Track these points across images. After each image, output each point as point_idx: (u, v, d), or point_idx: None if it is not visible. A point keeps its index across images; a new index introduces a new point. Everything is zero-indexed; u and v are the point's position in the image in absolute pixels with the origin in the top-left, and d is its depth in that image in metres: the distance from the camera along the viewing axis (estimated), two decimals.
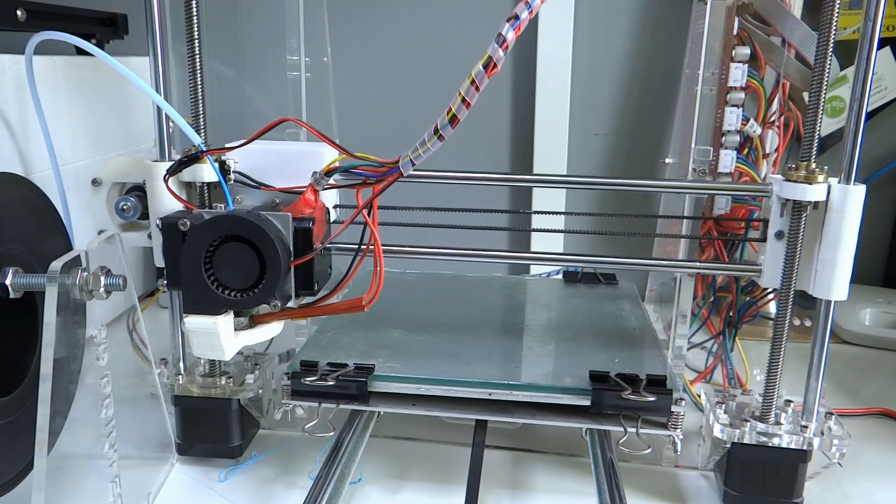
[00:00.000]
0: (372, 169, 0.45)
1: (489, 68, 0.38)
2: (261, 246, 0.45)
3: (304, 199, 0.48)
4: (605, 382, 0.50)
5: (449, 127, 0.41)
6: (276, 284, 0.45)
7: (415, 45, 0.91)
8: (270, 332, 0.51)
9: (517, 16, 0.38)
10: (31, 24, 0.67)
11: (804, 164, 0.45)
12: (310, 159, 0.50)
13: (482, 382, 0.51)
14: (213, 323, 0.46)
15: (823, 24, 0.42)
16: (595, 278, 0.73)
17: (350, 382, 0.51)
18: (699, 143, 0.56)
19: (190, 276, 0.45)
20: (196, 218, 0.46)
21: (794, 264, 0.46)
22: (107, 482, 0.45)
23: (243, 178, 0.51)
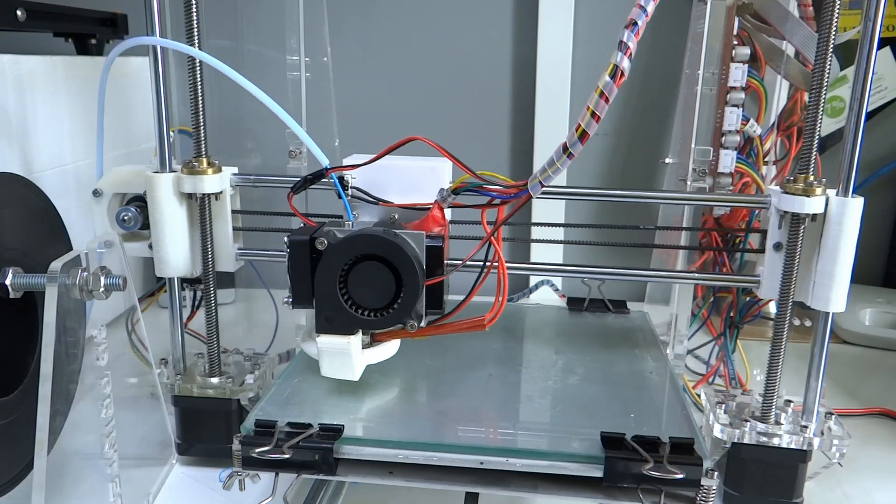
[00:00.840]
0: (500, 189, 0.44)
1: (617, 78, 0.37)
2: (399, 265, 0.44)
3: (433, 216, 0.46)
4: (620, 448, 0.42)
5: (579, 143, 0.38)
6: (414, 304, 0.45)
7: (415, 45, 0.91)
8: (390, 350, 0.51)
9: (635, 21, 0.37)
10: (31, 24, 0.67)
11: (802, 176, 0.45)
12: (429, 175, 0.49)
13: (473, 447, 0.43)
14: (347, 343, 0.46)
15: (823, 25, 0.42)
16: (603, 305, 0.66)
17: (313, 449, 0.43)
18: (699, 143, 0.56)
19: (325, 295, 0.45)
20: (330, 236, 0.45)
21: (793, 276, 0.46)
22: (107, 482, 0.45)
23: (361, 193, 0.49)
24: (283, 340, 0.70)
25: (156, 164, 0.51)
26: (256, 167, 0.87)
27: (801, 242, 0.46)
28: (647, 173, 0.90)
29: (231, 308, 0.89)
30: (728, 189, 0.57)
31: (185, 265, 0.52)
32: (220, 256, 0.54)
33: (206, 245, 0.52)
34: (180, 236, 0.52)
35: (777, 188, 0.47)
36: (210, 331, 0.53)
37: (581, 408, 0.48)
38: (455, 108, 0.92)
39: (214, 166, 0.51)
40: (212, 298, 0.53)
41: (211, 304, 0.53)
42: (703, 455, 0.42)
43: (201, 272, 0.53)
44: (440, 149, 0.46)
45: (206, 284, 0.53)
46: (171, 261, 0.52)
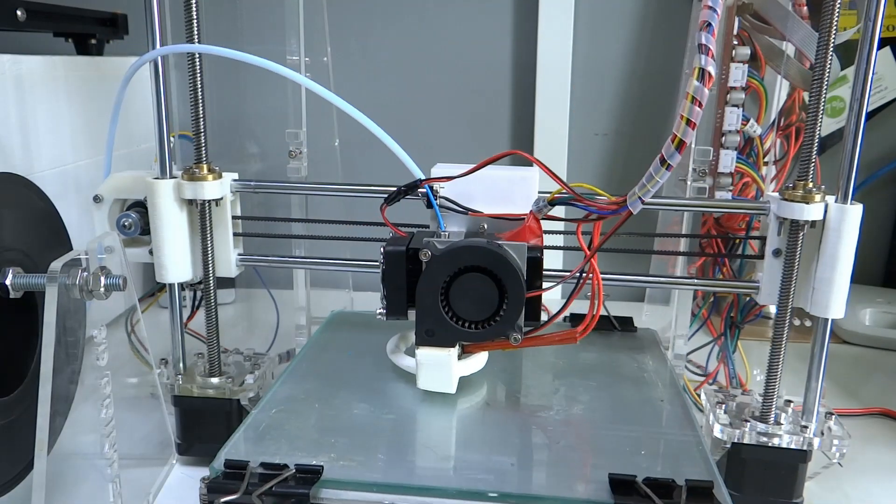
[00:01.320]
0: (599, 205, 0.43)
1: (706, 81, 0.36)
2: (503, 277, 0.43)
3: (529, 227, 0.46)
4: (631, 493, 0.39)
5: (677, 154, 0.37)
6: (517, 317, 0.44)
7: (415, 45, 0.91)
8: (480, 362, 0.50)
9: (709, 23, 0.37)
10: (31, 24, 0.67)
11: (801, 182, 0.45)
12: (519, 186, 0.48)
13: (466, 492, 0.39)
14: (447, 355, 0.46)
15: (823, 25, 0.42)
16: (608, 323, 0.63)
17: (287, 495, 0.39)
18: (699, 143, 0.56)
19: (427, 307, 0.44)
20: (432, 247, 0.44)
21: (792, 282, 0.46)
22: (107, 482, 0.45)
23: (449, 202, 0.48)
24: (282, 340, 0.70)
25: (156, 170, 0.51)
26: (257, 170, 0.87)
27: (800, 249, 0.46)
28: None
29: (231, 308, 0.89)
30: (728, 189, 0.57)
31: (185, 271, 0.53)
32: (221, 262, 0.54)
33: (206, 251, 0.52)
34: (181, 242, 0.52)
35: (776, 195, 0.47)
36: (210, 331, 0.53)
37: (586, 443, 0.45)
38: (455, 108, 0.92)
39: (215, 172, 0.51)
40: (212, 299, 0.53)
41: (211, 305, 0.53)
42: (724, 500, 0.38)
43: (202, 278, 0.53)
44: (538, 162, 0.46)
45: (206, 288, 0.53)
46: (172, 267, 0.52)
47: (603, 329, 0.62)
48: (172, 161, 0.51)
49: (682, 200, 0.55)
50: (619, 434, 0.46)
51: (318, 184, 0.57)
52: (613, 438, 0.45)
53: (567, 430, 0.46)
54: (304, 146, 0.63)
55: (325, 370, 0.54)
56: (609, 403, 0.50)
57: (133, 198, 0.54)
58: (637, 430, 0.46)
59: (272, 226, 0.59)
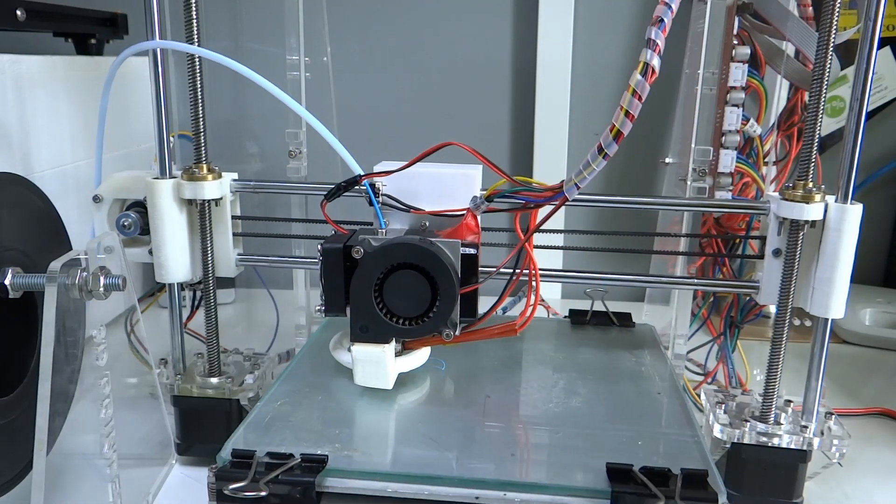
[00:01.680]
0: (534, 194, 0.44)
1: (648, 75, 0.36)
2: (435, 274, 0.44)
3: (466, 224, 0.46)
4: (628, 481, 0.40)
5: (614, 144, 0.38)
6: (450, 313, 0.45)
7: (415, 45, 0.91)
8: (421, 358, 0.51)
9: (661, 19, 0.37)
10: (31, 24, 0.67)
11: (801, 182, 0.45)
12: (462, 183, 0.49)
13: (467, 480, 0.40)
14: (382, 352, 0.46)
15: (823, 25, 0.42)
16: (607, 319, 0.64)
17: (293, 483, 0.40)
18: (699, 143, 0.56)
19: (360, 304, 0.45)
20: (366, 244, 0.45)
21: (792, 282, 0.46)
22: (106, 482, 0.45)
23: (392, 200, 0.49)
24: (282, 340, 0.70)
25: (156, 170, 0.51)
26: (257, 170, 0.87)
27: (800, 249, 0.46)
28: (647, 173, 0.90)
29: (231, 308, 0.89)
30: (728, 189, 0.57)
31: (185, 271, 0.53)
32: (220, 262, 0.54)
33: (206, 251, 0.52)
34: (180, 242, 0.52)
35: (776, 195, 0.47)
36: (210, 331, 0.53)
37: (584, 434, 0.46)
38: (455, 108, 0.92)
39: (214, 172, 0.51)
40: (211, 299, 0.53)
41: (210, 305, 0.53)
42: (719, 489, 0.39)
43: (201, 278, 0.53)
44: (475, 153, 0.46)
45: (205, 288, 0.53)
46: (171, 266, 0.52)
47: (601, 325, 0.64)
48: (172, 161, 0.51)
49: (682, 200, 0.55)
50: (617, 426, 0.47)
51: (318, 184, 0.57)
52: (611, 430, 0.46)
53: (566, 421, 0.47)
54: (304, 146, 0.63)
55: (327, 366, 0.54)
56: (607, 397, 0.51)
57: (133, 198, 0.54)
58: (634, 422, 0.47)
59: (272, 226, 0.59)
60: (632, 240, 0.55)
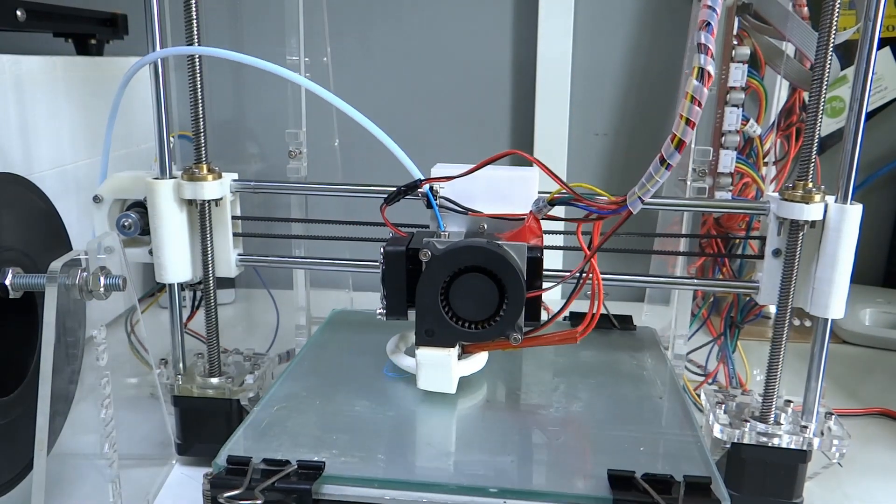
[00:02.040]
0: (598, 205, 0.43)
1: (705, 80, 0.36)
2: (503, 278, 0.44)
3: (529, 227, 0.46)
4: (630, 489, 0.39)
5: (676, 154, 0.37)
6: (517, 317, 0.44)
7: (415, 45, 0.91)
8: (480, 362, 0.50)
9: (708, 22, 0.36)
10: (31, 24, 0.67)
11: (801, 182, 0.45)
12: (519, 186, 0.48)
13: (465, 487, 0.40)
14: (447, 356, 0.46)
15: (823, 25, 0.42)
16: (607, 321, 0.63)
17: (289, 491, 0.39)
18: (699, 143, 0.56)
19: (426, 307, 0.44)
20: (432, 247, 0.44)
21: (791, 282, 0.46)
22: (107, 482, 0.45)
23: (449, 202, 0.48)
24: (282, 341, 0.70)
25: (156, 171, 0.51)
26: (257, 170, 0.87)
27: (799, 249, 0.46)
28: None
29: (231, 308, 0.89)
30: (728, 189, 0.57)
31: (185, 271, 0.53)
32: (221, 262, 0.54)
33: (206, 251, 0.52)
34: (180, 242, 0.52)
35: (776, 195, 0.47)
36: (210, 331, 0.53)
37: (585, 440, 0.45)
38: (455, 108, 0.92)
39: (215, 173, 0.51)
40: (211, 299, 0.53)
41: (211, 305, 0.53)
42: (722, 497, 0.39)
43: (201, 278, 0.53)
44: (537, 162, 0.46)
45: (206, 288, 0.53)
46: (172, 267, 0.52)
47: (602, 327, 0.63)
48: (172, 161, 0.51)
49: (682, 200, 0.55)
50: (618, 431, 0.46)
51: (318, 184, 0.57)
52: (612, 435, 0.46)
53: (566, 427, 0.47)
54: (303, 146, 0.63)
55: (326, 369, 0.54)
56: (608, 401, 0.50)
57: (133, 198, 0.54)
58: (636, 428, 0.47)
59: (272, 226, 0.59)
60: (632, 240, 0.55)
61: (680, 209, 0.57)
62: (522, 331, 0.45)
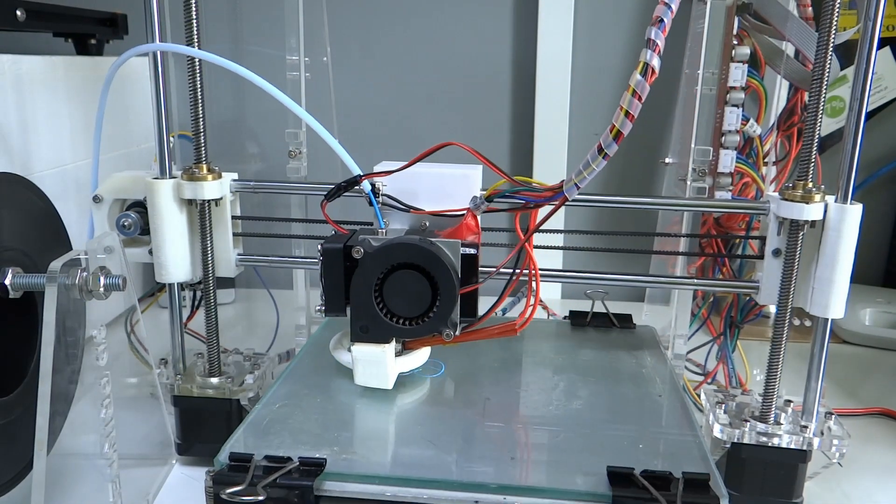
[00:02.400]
0: (534, 194, 0.44)
1: (648, 76, 0.36)
2: (436, 274, 0.44)
3: (466, 224, 0.46)
4: (629, 485, 0.39)
5: (614, 144, 0.38)
6: (450, 313, 0.45)
7: (414, 45, 0.91)
8: (421, 358, 0.51)
9: (661, 19, 0.37)
10: (31, 24, 0.67)
11: (801, 182, 0.45)
12: (461, 183, 0.49)
13: (466, 483, 0.40)
14: (382, 352, 0.46)
15: (823, 25, 0.42)
16: (607, 320, 0.63)
17: (291, 487, 0.40)
18: (699, 143, 0.56)
19: (361, 304, 0.45)
20: (366, 244, 0.45)
21: (791, 282, 0.46)
22: (107, 482, 0.45)
23: (392, 200, 0.49)
24: (282, 340, 0.70)
25: (156, 170, 0.51)
26: (257, 170, 0.87)
27: (799, 249, 0.46)
28: (647, 173, 0.90)
29: (231, 308, 0.89)
30: (728, 189, 0.57)
31: (185, 271, 0.53)
32: (220, 262, 0.54)
33: (206, 251, 0.52)
34: (180, 242, 0.52)
35: (776, 195, 0.47)
36: (210, 331, 0.53)
37: (585, 437, 0.45)
38: (455, 108, 0.92)
39: (214, 172, 0.51)
40: (211, 299, 0.53)
41: (211, 305, 0.53)
42: (720, 493, 0.39)
43: (201, 278, 0.53)
44: (476, 153, 0.46)
45: (206, 288, 0.53)
46: (171, 266, 0.52)
47: (602, 326, 0.63)
48: (172, 161, 0.51)
49: (681, 200, 0.55)
50: (618, 428, 0.46)
51: (318, 184, 0.57)
52: (612, 433, 0.46)
53: (566, 423, 0.47)
54: (303, 146, 0.63)
55: (327, 367, 0.54)
56: (607, 399, 0.50)
57: (133, 198, 0.54)
58: (634, 424, 0.47)
59: (272, 226, 0.59)
60: (632, 240, 0.55)
61: (680, 209, 0.57)
62: (457, 326, 0.46)
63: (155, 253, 0.52)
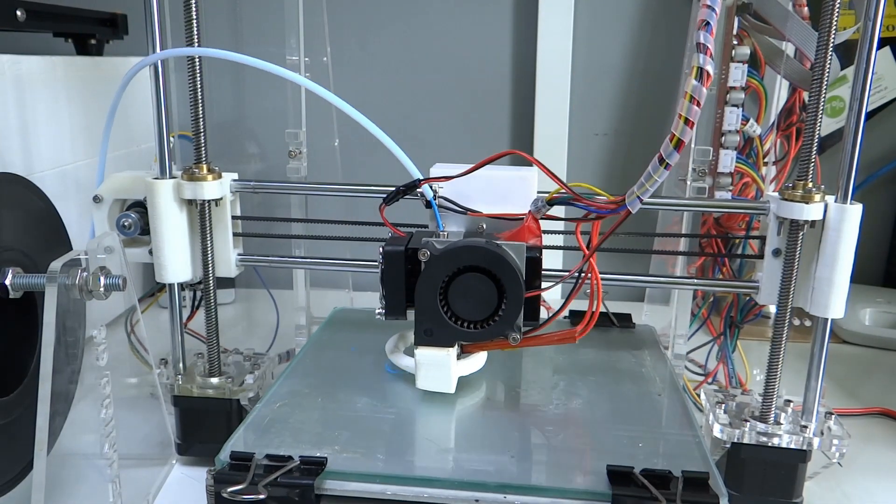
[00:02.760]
0: (597, 204, 0.43)
1: (704, 80, 0.36)
2: (502, 277, 0.44)
3: (528, 227, 0.46)
4: (628, 484, 0.40)
5: (675, 153, 0.37)
6: (516, 317, 0.44)
7: (414, 45, 0.91)
8: (479, 361, 0.51)
9: (707, 22, 0.36)
10: (31, 24, 0.67)
11: (801, 182, 0.45)
12: (518, 185, 0.48)
13: (466, 482, 0.40)
14: (447, 355, 0.46)
15: (823, 25, 0.42)
16: (607, 319, 0.64)
17: (292, 486, 0.40)
18: (699, 143, 0.56)
19: (426, 307, 0.45)
20: (431, 247, 0.44)
21: (791, 282, 0.46)
22: (107, 482, 0.45)
23: (448, 202, 0.48)
24: (282, 340, 0.70)
25: (156, 170, 0.51)
26: (257, 170, 0.87)
27: (799, 249, 0.46)
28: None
29: (231, 308, 0.89)
30: (728, 189, 0.57)
31: (185, 271, 0.53)
32: (220, 262, 0.54)
33: (206, 251, 0.52)
34: (180, 242, 0.52)
35: (776, 195, 0.47)
36: (210, 331, 0.53)
37: (585, 436, 0.46)
38: (455, 108, 0.92)
39: (214, 173, 0.51)
40: (211, 299, 0.53)
41: (211, 305, 0.53)
42: (720, 492, 0.39)
43: (201, 278, 0.53)
44: (536, 162, 0.46)
45: (206, 288, 0.53)
46: (171, 266, 0.52)
47: (601, 325, 0.63)
48: (172, 161, 0.51)
49: (682, 200, 0.55)
50: (618, 427, 0.47)
51: (318, 184, 0.57)
52: (611, 432, 0.46)
53: (566, 423, 0.47)
54: (303, 146, 0.63)
55: (328, 367, 0.54)
56: (607, 398, 0.50)
57: (133, 198, 0.54)
58: (634, 423, 0.47)
59: (272, 226, 0.59)
60: (632, 240, 0.55)
61: (680, 209, 0.57)
62: (521, 330, 0.45)
63: (155, 253, 0.52)
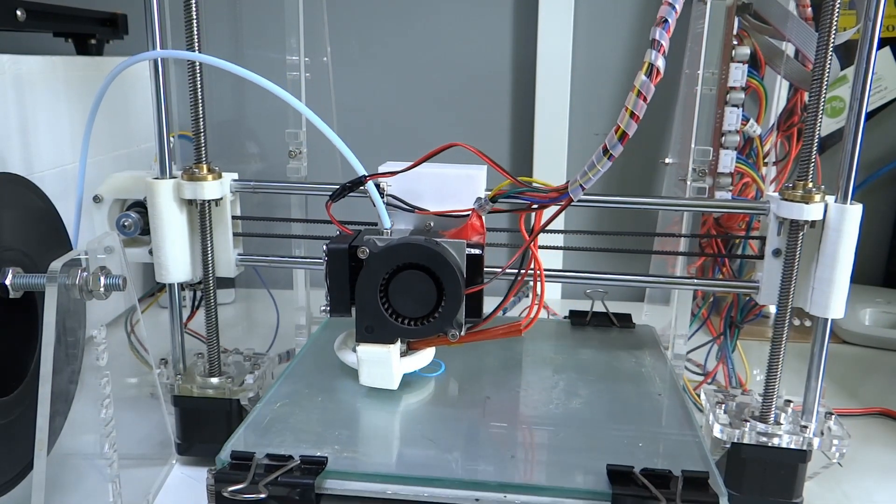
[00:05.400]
0: (539, 195, 0.44)
1: (653, 76, 0.36)
2: (441, 275, 0.44)
3: (472, 224, 0.46)
4: (629, 483, 0.40)
5: (619, 145, 0.38)
6: (456, 313, 0.45)
7: (414, 45, 0.91)
8: (426, 358, 0.51)
9: (665, 19, 0.37)
10: (31, 24, 0.67)
11: (801, 182, 0.45)
12: (465, 183, 0.49)
13: (467, 482, 0.40)
14: (387, 352, 0.46)
15: (823, 25, 0.42)
16: (607, 319, 0.64)
17: (292, 485, 0.40)
18: (699, 143, 0.56)
19: (366, 304, 0.45)
20: (371, 245, 0.45)
21: (791, 282, 0.46)
22: (107, 482, 0.45)
23: (396, 200, 0.49)
24: (282, 340, 0.70)
25: (156, 170, 0.51)
26: (257, 170, 0.87)
27: (799, 249, 0.46)
28: (647, 173, 0.90)
29: (231, 308, 0.89)
30: (728, 189, 0.57)
31: (185, 271, 0.53)
32: (221, 262, 0.54)
33: (206, 251, 0.52)
34: (180, 242, 0.52)
35: (776, 195, 0.47)
36: (210, 331, 0.53)
37: (585, 436, 0.45)
38: (455, 108, 0.92)
39: (214, 172, 0.51)
40: (211, 299, 0.53)
41: (211, 305, 0.53)
42: (720, 491, 0.39)
43: (201, 278, 0.53)
44: (480, 154, 0.46)
45: (206, 288, 0.53)
46: (172, 266, 0.52)
47: (601, 325, 0.64)
48: (172, 161, 0.51)
49: (682, 200, 0.55)
50: (618, 427, 0.47)
51: (318, 184, 0.57)
52: (612, 431, 0.46)
53: (566, 422, 0.47)
54: (304, 146, 0.63)
55: (328, 367, 0.54)
56: (607, 398, 0.50)
57: (133, 198, 0.54)
58: (634, 423, 0.47)
59: (272, 226, 0.59)
60: (632, 240, 0.55)
61: (680, 209, 0.57)
62: (462, 327, 0.46)
63: (155, 253, 0.52)
